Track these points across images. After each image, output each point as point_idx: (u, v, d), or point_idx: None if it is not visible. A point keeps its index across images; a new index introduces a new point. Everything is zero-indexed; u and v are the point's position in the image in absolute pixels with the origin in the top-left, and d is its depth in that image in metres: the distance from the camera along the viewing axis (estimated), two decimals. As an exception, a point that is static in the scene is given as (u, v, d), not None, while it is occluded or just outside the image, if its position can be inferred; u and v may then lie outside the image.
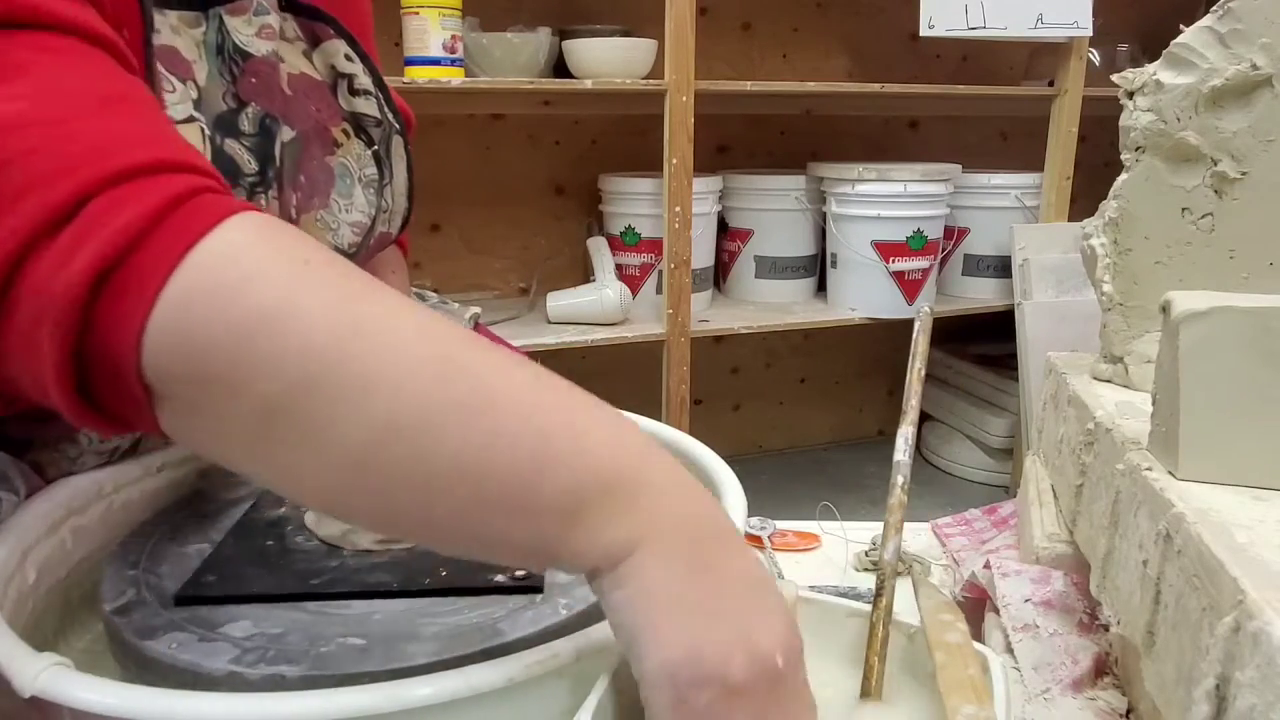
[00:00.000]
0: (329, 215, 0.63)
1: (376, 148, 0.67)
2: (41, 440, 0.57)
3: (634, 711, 0.39)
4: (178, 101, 0.49)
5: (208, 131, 0.50)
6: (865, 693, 0.43)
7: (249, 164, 0.52)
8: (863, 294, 1.86)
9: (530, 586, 0.50)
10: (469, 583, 0.50)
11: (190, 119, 0.49)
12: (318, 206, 0.62)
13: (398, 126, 0.69)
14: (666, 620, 0.34)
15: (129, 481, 0.63)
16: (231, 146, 0.52)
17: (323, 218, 0.62)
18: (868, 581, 0.82)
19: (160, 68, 0.48)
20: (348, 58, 0.65)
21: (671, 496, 0.37)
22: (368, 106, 0.66)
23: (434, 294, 0.94)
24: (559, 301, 1.72)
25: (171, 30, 0.50)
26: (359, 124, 0.66)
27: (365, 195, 0.66)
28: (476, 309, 0.93)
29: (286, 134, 0.58)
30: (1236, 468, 0.51)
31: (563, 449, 0.36)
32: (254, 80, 0.54)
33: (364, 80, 0.66)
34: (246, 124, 0.53)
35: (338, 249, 0.63)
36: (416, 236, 1.88)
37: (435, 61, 1.48)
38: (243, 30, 0.55)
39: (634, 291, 1.77)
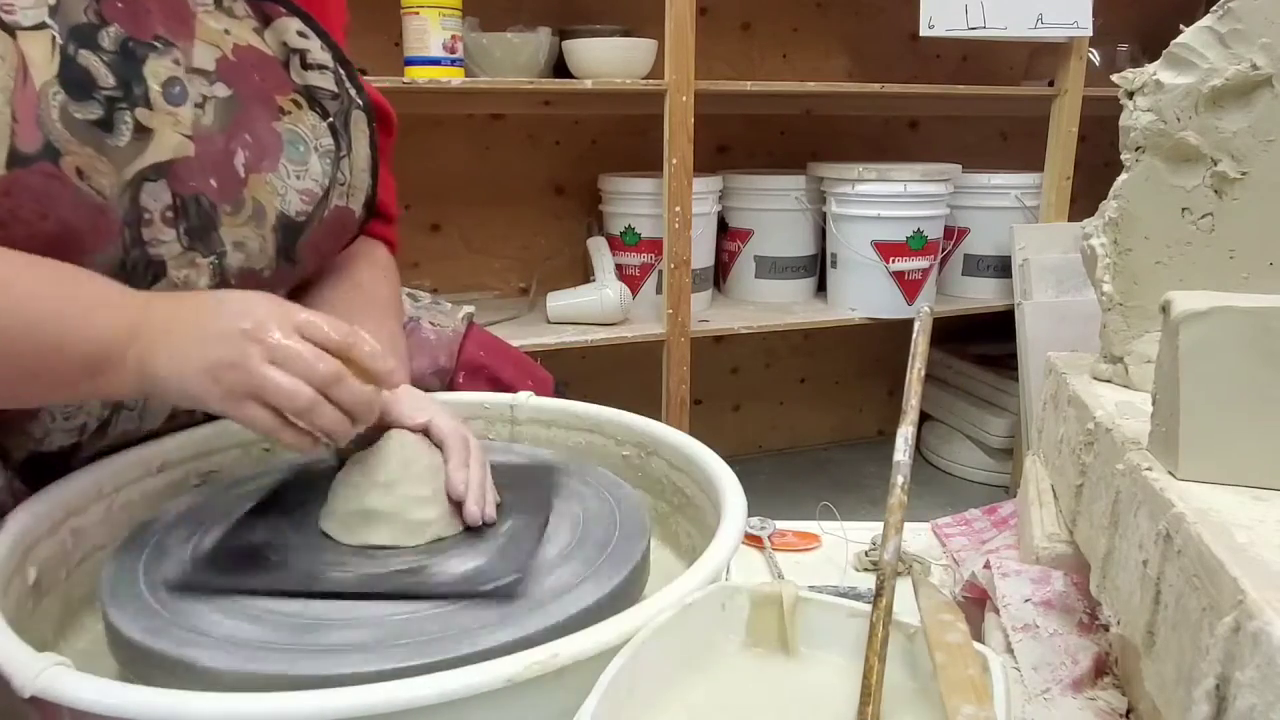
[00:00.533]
0: (276, 179, 0.65)
1: (332, 120, 0.69)
2: (4, 423, 0.57)
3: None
4: (30, 7, 0.52)
5: (60, 40, 0.53)
6: (865, 692, 0.43)
7: (105, 77, 0.55)
8: (863, 294, 1.86)
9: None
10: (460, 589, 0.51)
11: (42, 25, 0.52)
12: (266, 169, 0.65)
13: (360, 103, 0.72)
14: (193, 373, 0.51)
15: (129, 481, 0.63)
16: (86, 57, 0.54)
17: (270, 181, 0.65)
18: (868, 581, 0.82)
19: None
20: (300, 34, 0.68)
21: (154, 316, 0.53)
22: (322, 80, 0.69)
23: (426, 295, 0.93)
24: (559, 301, 1.72)
25: None
26: (313, 96, 0.68)
27: (321, 165, 0.68)
28: (470, 308, 0.93)
29: (222, 90, 0.62)
30: (1236, 468, 0.51)
31: (71, 330, 0.51)
32: (120, 5, 0.57)
33: (319, 55, 0.69)
34: (106, 41, 0.56)
35: (284, 214, 0.66)
36: (416, 236, 1.88)
37: (435, 61, 1.48)
38: None
39: (634, 291, 1.77)
